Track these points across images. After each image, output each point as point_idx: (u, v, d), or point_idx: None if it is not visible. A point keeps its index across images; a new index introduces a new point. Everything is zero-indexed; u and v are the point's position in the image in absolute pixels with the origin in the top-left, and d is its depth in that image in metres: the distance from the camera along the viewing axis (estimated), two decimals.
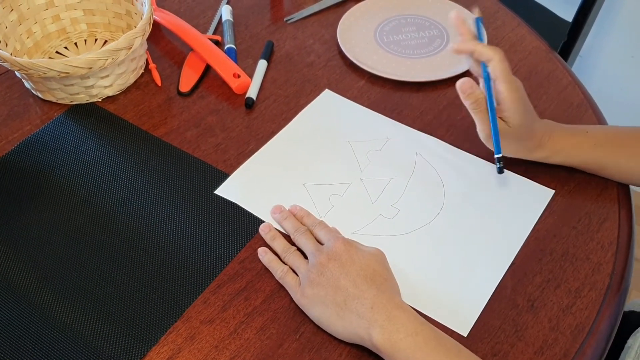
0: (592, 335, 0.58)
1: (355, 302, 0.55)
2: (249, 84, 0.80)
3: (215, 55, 0.82)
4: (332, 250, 0.59)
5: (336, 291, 0.56)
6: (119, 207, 0.68)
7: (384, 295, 0.55)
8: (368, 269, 0.57)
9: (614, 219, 0.67)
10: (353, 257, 0.58)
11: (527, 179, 0.70)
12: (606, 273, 0.62)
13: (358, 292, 0.55)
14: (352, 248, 0.59)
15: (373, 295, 0.55)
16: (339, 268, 0.57)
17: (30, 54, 0.85)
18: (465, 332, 0.58)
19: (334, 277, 0.57)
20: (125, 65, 0.79)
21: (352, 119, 0.77)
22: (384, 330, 0.53)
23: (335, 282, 0.57)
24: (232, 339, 0.57)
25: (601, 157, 0.69)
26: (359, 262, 0.58)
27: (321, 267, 0.58)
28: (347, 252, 0.58)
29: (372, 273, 0.57)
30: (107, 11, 0.88)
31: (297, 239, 0.63)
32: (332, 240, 0.60)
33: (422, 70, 0.83)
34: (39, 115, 0.79)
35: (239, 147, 0.74)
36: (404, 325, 0.53)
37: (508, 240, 0.65)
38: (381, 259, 0.60)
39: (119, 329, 0.58)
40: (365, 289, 0.55)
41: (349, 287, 0.56)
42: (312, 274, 0.58)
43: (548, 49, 0.87)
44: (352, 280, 0.56)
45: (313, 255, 0.60)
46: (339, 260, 0.58)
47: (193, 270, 0.62)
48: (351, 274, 0.57)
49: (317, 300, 0.57)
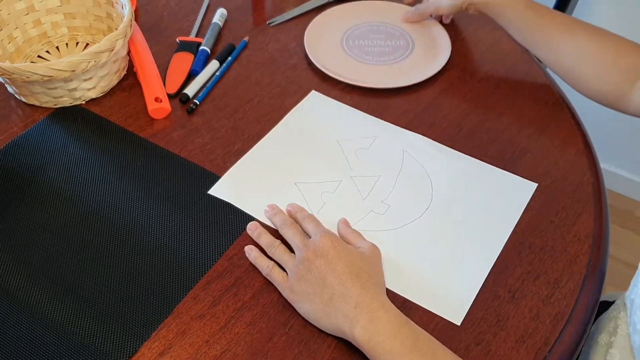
0: (571, 324, 0.60)
1: (340, 300, 0.56)
2: (168, 111, 0.79)
3: (148, 74, 0.82)
4: (318, 246, 0.60)
5: (323, 288, 0.57)
6: (107, 206, 0.69)
7: (367, 294, 0.56)
8: (354, 265, 0.58)
9: (590, 213, 0.69)
10: (339, 253, 0.59)
11: (511, 173, 0.73)
12: (583, 264, 0.65)
13: (343, 290, 0.56)
14: (339, 244, 0.60)
15: (357, 294, 0.56)
16: (326, 265, 0.58)
17: (13, 59, 0.85)
18: (459, 321, 0.60)
19: (321, 274, 0.58)
20: (107, 68, 0.79)
21: (340, 118, 0.79)
22: (366, 331, 0.54)
23: (322, 279, 0.58)
24: (223, 333, 0.58)
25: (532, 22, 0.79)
26: (345, 259, 0.59)
27: (308, 263, 0.59)
28: (333, 248, 0.59)
29: (358, 270, 0.58)
30: (87, 14, 0.89)
31: (284, 232, 0.64)
32: (319, 234, 0.61)
33: (397, 75, 0.85)
34: (23, 118, 0.79)
35: (225, 147, 0.75)
36: (384, 327, 0.54)
37: (495, 232, 0.67)
38: (369, 255, 0.61)
39: (110, 326, 0.58)
40: (349, 286, 0.56)
41: (334, 284, 0.57)
42: (299, 270, 0.59)
43: (524, 50, 0.90)
44: (337, 277, 0.57)
45: (300, 250, 0.61)
46: (325, 256, 0.59)
47: (183, 267, 0.63)
48: (337, 271, 0.58)
49: (305, 296, 0.58)
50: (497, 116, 0.80)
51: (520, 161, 0.74)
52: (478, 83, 0.84)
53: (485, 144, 0.76)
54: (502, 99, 0.82)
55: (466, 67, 0.87)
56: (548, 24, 0.78)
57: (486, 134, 0.77)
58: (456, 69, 0.86)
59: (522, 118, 0.80)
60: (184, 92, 0.81)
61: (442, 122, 0.79)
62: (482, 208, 0.69)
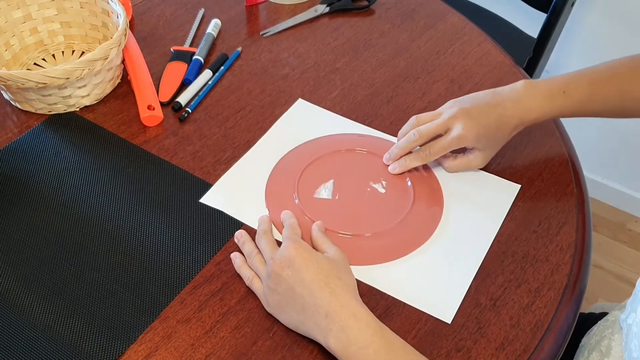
0: (551, 332, 0.61)
1: (312, 310, 0.56)
2: (161, 119, 0.80)
3: (142, 82, 0.83)
4: (284, 257, 0.59)
5: (294, 299, 0.57)
6: (98, 211, 0.70)
7: (337, 302, 0.55)
8: (321, 272, 0.57)
9: (572, 223, 0.71)
10: (306, 261, 0.58)
11: (495, 176, 0.75)
12: (564, 273, 0.66)
13: (312, 300, 0.56)
14: (305, 251, 0.59)
15: (327, 303, 0.55)
16: (293, 275, 0.57)
17: (9, 66, 0.87)
18: (449, 319, 0.61)
19: (290, 285, 0.57)
20: (102, 76, 0.81)
21: (327, 126, 0.81)
22: (339, 341, 0.54)
23: (291, 291, 0.57)
24: (208, 337, 0.59)
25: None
26: (312, 266, 0.58)
27: (276, 276, 0.58)
28: (299, 256, 0.58)
29: (326, 276, 0.57)
30: (83, 23, 0.90)
31: (259, 242, 0.64)
32: (285, 244, 0.61)
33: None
34: (18, 124, 0.80)
35: (215, 155, 0.76)
36: (356, 337, 0.54)
37: (481, 233, 0.69)
38: (337, 259, 0.61)
39: (97, 329, 0.59)
40: (319, 295, 0.56)
41: (304, 294, 0.56)
42: (269, 283, 0.59)
43: (512, 64, 0.92)
44: (306, 287, 0.57)
45: (268, 263, 0.60)
46: (292, 266, 0.58)
47: (170, 272, 0.64)
48: (305, 280, 0.57)
49: (279, 308, 0.59)
50: None
51: (505, 171, 0.75)
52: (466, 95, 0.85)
53: None
54: None
55: (454, 79, 0.88)
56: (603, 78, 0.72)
57: None
58: (444, 80, 0.88)
59: None
60: (177, 101, 0.82)
61: None
62: (466, 210, 0.71)
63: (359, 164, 0.76)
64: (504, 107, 0.71)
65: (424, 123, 0.73)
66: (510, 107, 0.71)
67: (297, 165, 0.75)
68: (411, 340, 0.59)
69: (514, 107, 0.70)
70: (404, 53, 0.93)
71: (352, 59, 0.92)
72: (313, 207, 0.71)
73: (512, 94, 0.71)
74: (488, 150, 0.73)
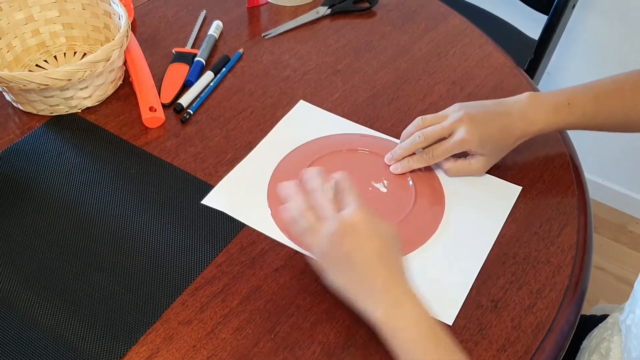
0: (552, 334, 0.61)
1: (366, 281, 0.56)
2: (162, 121, 0.80)
3: (143, 84, 0.83)
4: (349, 222, 0.57)
5: (349, 265, 0.57)
6: (99, 212, 0.70)
7: (393, 279, 0.56)
8: (382, 248, 0.57)
9: (574, 225, 0.71)
10: (370, 232, 0.57)
11: (496, 177, 0.75)
12: (565, 275, 0.66)
13: (369, 272, 0.56)
14: (371, 222, 0.58)
15: (383, 278, 0.56)
16: (355, 243, 0.57)
17: (11, 68, 0.87)
18: (451, 321, 0.61)
19: (349, 251, 0.56)
20: (103, 77, 0.81)
21: (328, 127, 0.81)
22: (387, 315, 0.55)
23: (350, 256, 0.57)
24: (209, 339, 0.60)
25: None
26: (375, 238, 0.57)
27: (337, 237, 0.57)
28: (365, 224, 0.57)
29: (386, 253, 0.57)
30: (85, 25, 0.90)
31: (316, 197, 0.61)
32: (353, 206, 0.58)
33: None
34: (20, 126, 0.80)
35: (217, 157, 0.77)
36: (407, 313, 0.55)
37: (482, 234, 0.69)
38: (395, 237, 0.60)
39: (99, 330, 0.60)
40: (377, 268, 0.56)
41: (362, 264, 0.56)
42: (327, 243, 0.58)
43: (513, 65, 0.92)
44: (366, 256, 0.56)
45: (330, 224, 0.58)
46: (355, 233, 0.57)
47: (172, 274, 0.64)
48: (366, 251, 0.56)
49: (332, 269, 0.59)
50: None
51: (506, 173, 0.75)
52: (467, 97, 0.86)
53: None
54: None
55: (456, 81, 0.88)
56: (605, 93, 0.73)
57: None
58: (446, 82, 0.88)
59: None
60: (178, 102, 0.82)
61: None
62: (467, 212, 0.71)
63: (360, 163, 0.76)
64: (509, 117, 0.71)
65: (429, 125, 0.73)
66: (515, 118, 0.71)
67: (298, 166, 0.75)
68: None
69: (518, 118, 0.71)
70: (405, 55, 0.93)
71: (353, 61, 0.92)
72: None
73: (517, 105, 0.72)
74: (490, 157, 0.73)
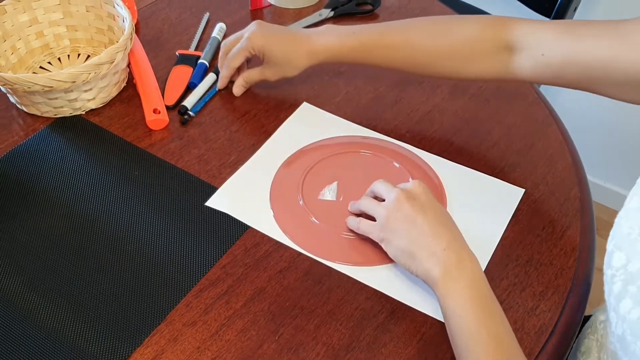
0: (555, 336, 0.61)
1: (430, 239, 0.59)
2: (166, 123, 0.81)
3: (147, 86, 0.84)
4: (411, 190, 0.63)
5: (412, 226, 0.60)
6: (103, 214, 0.70)
7: (457, 242, 0.59)
8: (443, 216, 0.62)
9: (576, 227, 0.71)
10: (431, 201, 0.62)
11: (499, 180, 0.75)
12: (568, 277, 0.66)
13: (433, 232, 0.59)
14: (430, 194, 0.63)
15: (448, 238, 0.59)
16: (418, 207, 0.61)
17: (15, 70, 0.87)
18: None
19: (412, 214, 0.61)
20: (107, 79, 0.81)
21: (330, 129, 0.81)
22: (447, 274, 0.57)
23: (412, 219, 0.60)
24: (214, 340, 0.60)
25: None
26: (436, 208, 0.62)
27: (399, 203, 0.62)
28: (425, 195, 0.63)
29: (447, 221, 0.62)
30: (89, 27, 0.91)
31: (374, 185, 0.68)
32: (411, 182, 0.64)
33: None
34: (24, 127, 0.81)
35: (220, 159, 0.77)
36: (467, 276, 0.57)
37: (485, 237, 0.69)
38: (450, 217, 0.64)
39: (104, 332, 0.60)
40: (440, 230, 0.60)
41: (425, 224, 0.60)
42: (389, 210, 0.62)
43: None
44: (428, 220, 0.60)
45: (392, 193, 0.63)
46: (417, 200, 0.62)
47: (176, 275, 0.65)
48: (428, 215, 0.61)
49: (393, 233, 0.62)
50: (487, 131, 0.82)
51: (509, 176, 0.76)
52: (469, 99, 0.86)
53: (475, 159, 0.78)
54: (492, 115, 0.84)
55: (458, 84, 0.88)
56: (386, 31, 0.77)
57: (476, 149, 0.79)
58: (448, 85, 0.88)
59: (512, 134, 0.81)
60: (182, 104, 0.83)
61: (433, 137, 0.80)
62: (471, 213, 0.71)
63: (363, 165, 0.76)
64: (300, 33, 0.80)
65: (231, 47, 0.82)
66: (305, 35, 0.79)
67: (301, 168, 0.75)
68: (416, 344, 0.60)
69: (307, 36, 0.79)
70: None
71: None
72: (317, 209, 0.71)
73: (313, 31, 0.79)
74: (282, 66, 0.80)
